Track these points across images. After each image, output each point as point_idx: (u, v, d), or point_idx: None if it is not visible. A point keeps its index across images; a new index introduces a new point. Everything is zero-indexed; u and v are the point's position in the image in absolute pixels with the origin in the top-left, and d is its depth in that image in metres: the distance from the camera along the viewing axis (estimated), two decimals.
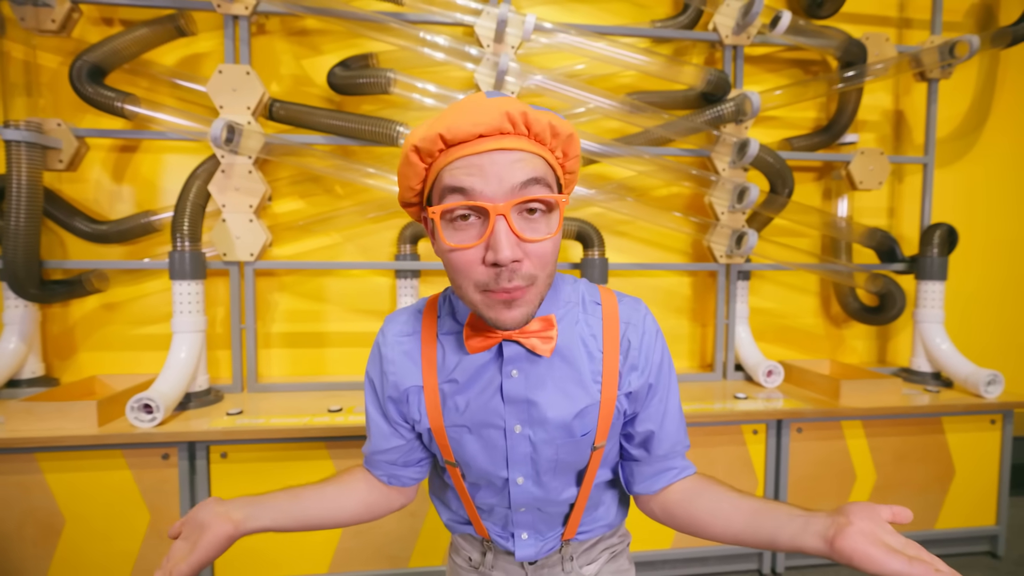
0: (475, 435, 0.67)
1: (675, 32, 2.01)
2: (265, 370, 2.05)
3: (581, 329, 0.67)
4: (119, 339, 1.96)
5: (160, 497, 1.49)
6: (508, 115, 0.53)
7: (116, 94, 1.67)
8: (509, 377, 0.65)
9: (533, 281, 0.57)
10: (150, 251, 1.96)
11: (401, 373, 0.69)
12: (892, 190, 2.38)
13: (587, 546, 0.78)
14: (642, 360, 0.68)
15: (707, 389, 1.97)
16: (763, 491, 1.76)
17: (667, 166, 1.97)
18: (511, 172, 0.54)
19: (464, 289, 0.58)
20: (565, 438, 0.66)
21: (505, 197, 0.54)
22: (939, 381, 2.04)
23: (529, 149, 0.55)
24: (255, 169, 1.78)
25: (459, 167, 0.54)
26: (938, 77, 2.14)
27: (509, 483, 0.68)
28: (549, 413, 0.65)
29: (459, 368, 0.66)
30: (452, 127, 0.53)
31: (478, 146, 0.54)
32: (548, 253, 0.57)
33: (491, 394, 0.65)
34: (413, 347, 0.69)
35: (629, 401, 0.68)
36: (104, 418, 1.48)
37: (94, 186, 1.94)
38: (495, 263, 0.54)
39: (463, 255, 0.55)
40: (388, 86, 1.78)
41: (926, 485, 1.85)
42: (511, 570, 0.77)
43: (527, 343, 0.63)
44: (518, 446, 0.66)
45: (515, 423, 0.66)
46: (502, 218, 0.53)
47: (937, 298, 2.05)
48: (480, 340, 0.64)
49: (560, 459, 0.68)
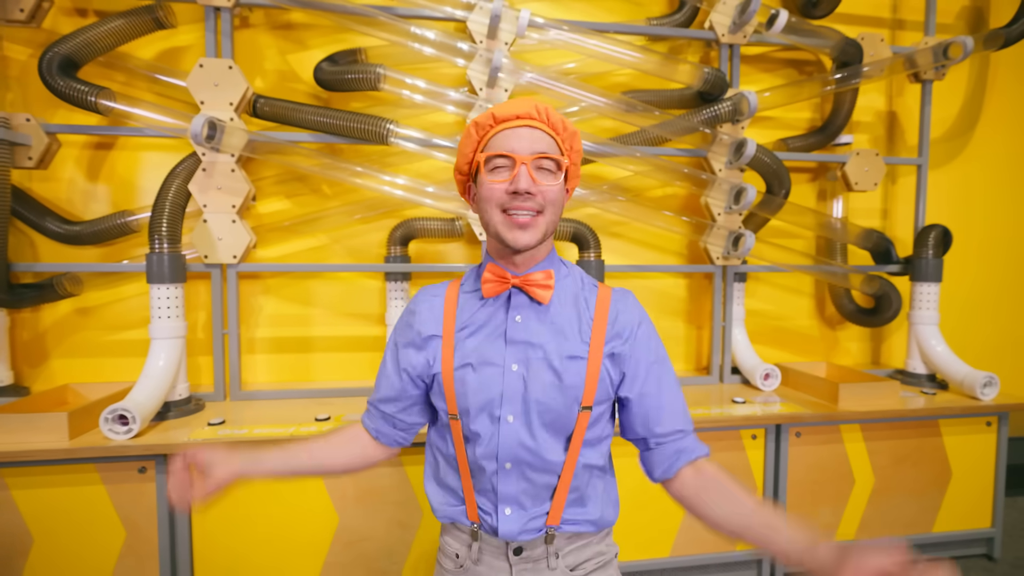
0: (477, 373, 0.79)
1: (671, 30, 1.98)
2: (250, 377, 1.97)
3: (577, 297, 0.83)
4: (94, 345, 1.87)
5: (136, 513, 1.42)
6: (536, 107, 0.79)
7: (89, 88, 1.59)
8: (513, 322, 0.80)
9: (542, 210, 0.77)
10: (127, 253, 1.87)
11: (425, 323, 0.84)
12: (886, 191, 2.38)
13: (575, 545, 0.82)
14: (627, 331, 0.81)
15: (704, 393, 1.94)
16: (762, 495, 1.73)
17: (663, 166, 1.94)
18: (533, 141, 0.78)
19: (490, 213, 0.78)
20: (554, 381, 0.78)
21: (528, 155, 0.76)
22: (935, 383, 2.03)
23: (547, 131, 0.79)
24: (238, 168, 1.71)
25: (502, 136, 0.78)
26: (932, 78, 2.14)
27: (501, 422, 0.77)
28: (543, 355, 0.78)
29: (473, 317, 0.82)
30: (501, 109, 0.79)
31: (515, 123, 0.78)
32: (554, 194, 0.78)
33: (496, 336, 0.80)
34: (438, 304, 0.85)
35: (613, 364, 0.80)
36: (76, 430, 1.40)
37: (67, 185, 1.85)
38: (515, 191, 0.75)
39: (495, 187, 0.77)
40: (377, 82, 1.71)
41: (923, 488, 1.84)
42: (497, 565, 0.81)
43: (529, 290, 0.79)
44: (513, 383, 0.78)
45: (512, 362, 0.78)
46: (524, 166, 0.75)
47: (932, 300, 2.05)
48: (495, 284, 0.80)
49: (548, 403, 0.77)
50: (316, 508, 1.50)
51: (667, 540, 1.69)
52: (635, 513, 1.66)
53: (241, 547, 1.47)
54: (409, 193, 1.79)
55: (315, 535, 1.50)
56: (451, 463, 0.83)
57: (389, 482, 1.52)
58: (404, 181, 1.79)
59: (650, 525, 1.68)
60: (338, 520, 1.51)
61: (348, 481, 1.50)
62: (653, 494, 1.67)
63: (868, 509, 1.80)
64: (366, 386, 1.88)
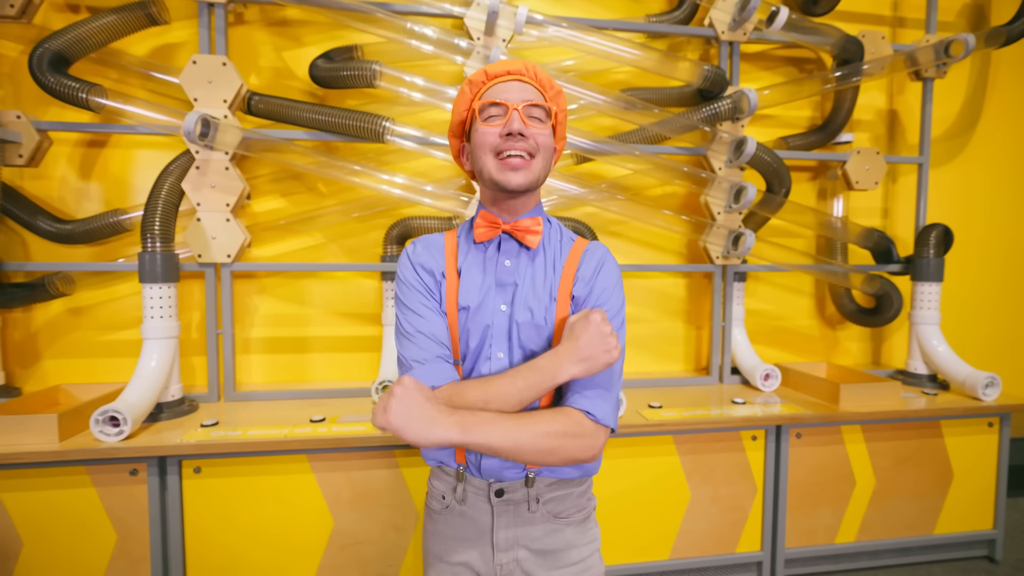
0: (472, 315, 0.84)
1: (671, 27, 1.96)
2: (244, 377, 1.95)
3: (555, 250, 0.90)
4: (86, 346, 1.85)
5: (128, 516, 1.39)
6: (525, 65, 0.86)
7: (80, 84, 1.56)
8: (502, 266, 0.86)
9: (534, 153, 0.83)
10: (121, 252, 1.85)
11: (434, 264, 0.89)
12: (886, 190, 2.36)
13: (556, 493, 0.87)
14: (587, 276, 0.88)
15: (704, 394, 1.92)
16: (762, 498, 1.72)
17: (662, 164, 1.92)
18: (524, 92, 0.84)
19: (484, 159, 0.83)
20: (530, 320, 0.84)
21: (519, 102, 0.82)
22: (936, 383, 2.01)
23: (535, 86, 0.86)
24: (232, 166, 1.69)
25: (494, 89, 0.84)
26: (933, 76, 2.12)
27: (492, 359, 0.83)
28: (525, 295, 0.85)
29: (467, 260, 0.88)
30: (492, 68, 0.85)
31: (506, 79, 0.85)
32: (544, 139, 0.84)
33: (487, 278, 0.86)
34: (438, 252, 0.90)
35: (573, 305, 0.87)
36: (66, 432, 1.38)
37: (59, 183, 1.83)
38: (508, 133, 0.81)
39: (488, 132, 0.82)
40: (373, 79, 1.69)
41: (924, 489, 1.82)
42: (479, 505, 0.86)
43: (518, 235, 0.86)
44: (501, 322, 0.84)
45: (501, 303, 0.85)
46: (516, 111, 0.81)
47: (934, 299, 2.03)
48: (486, 230, 0.86)
49: (524, 340, 0.84)
50: (310, 510, 1.48)
51: (666, 543, 1.68)
52: (634, 515, 1.65)
53: (234, 550, 1.45)
54: (406, 192, 1.77)
55: (309, 537, 1.48)
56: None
57: (384, 484, 1.50)
58: (401, 180, 1.77)
59: (649, 528, 1.66)
60: (333, 522, 1.49)
61: (343, 482, 1.48)
62: (652, 497, 1.66)
63: (869, 511, 1.79)
64: (363, 387, 1.86)
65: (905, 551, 1.85)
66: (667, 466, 1.65)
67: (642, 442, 1.63)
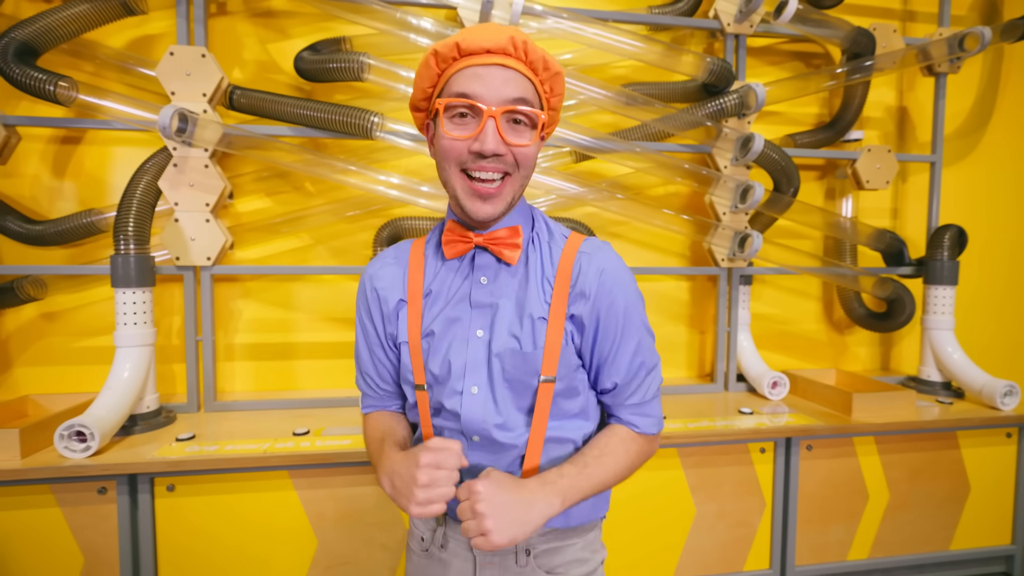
0: (441, 339, 0.72)
1: (674, 19, 1.88)
2: (227, 385, 1.86)
3: (543, 255, 0.75)
4: (60, 352, 1.76)
5: (96, 537, 1.30)
6: (512, 39, 0.64)
7: (47, 76, 1.47)
8: (478, 284, 0.73)
9: (511, 172, 0.67)
10: (97, 254, 1.75)
11: (390, 289, 0.76)
12: (896, 190, 2.28)
13: (550, 544, 0.75)
14: (590, 290, 0.71)
15: (709, 402, 1.83)
16: (771, 513, 1.63)
17: (665, 163, 1.83)
18: (506, 86, 0.65)
19: (448, 173, 0.68)
20: (514, 347, 0.70)
21: (498, 104, 0.64)
22: (950, 391, 1.93)
23: (524, 72, 0.66)
24: (212, 163, 1.60)
25: (466, 75, 0.65)
26: (946, 71, 2.04)
27: (463, 395, 0.71)
28: (506, 319, 0.71)
29: (437, 279, 0.75)
30: (467, 39, 0.65)
31: (484, 59, 0.65)
32: (526, 156, 0.67)
33: (461, 299, 0.73)
34: (400, 269, 0.77)
35: (575, 327, 0.72)
36: (29, 448, 1.28)
37: (31, 181, 1.73)
38: (480, 152, 0.64)
39: (455, 144, 0.66)
40: (361, 72, 1.61)
41: (940, 503, 1.74)
42: (461, 553, 0.75)
43: (495, 249, 0.72)
44: (476, 351, 0.71)
45: (478, 327, 0.72)
46: (492, 120, 0.64)
47: (948, 304, 1.95)
48: (457, 245, 0.72)
49: (508, 372, 0.70)
50: (293, 529, 1.39)
51: (671, 561, 1.59)
52: (636, 532, 1.56)
53: (211, 572, 1.36)
54: (398, 191, 1.68)
55: (292, 559, 1.39)
56: (419, 439, 0.79)
57: (371, 502, 1.41)
58: (393, 179, 1.68)
59: (652, 545, 1.57)
60: (317, 542, 1.40)
61: (327, 501, 1.40)
62: (655, 512, 1.57)
63: (883, 526, 1.70)
64: (350, 396, 1.77)
65: (920, 568, 1.77)
66: (671, 480, 1.57)
67: None
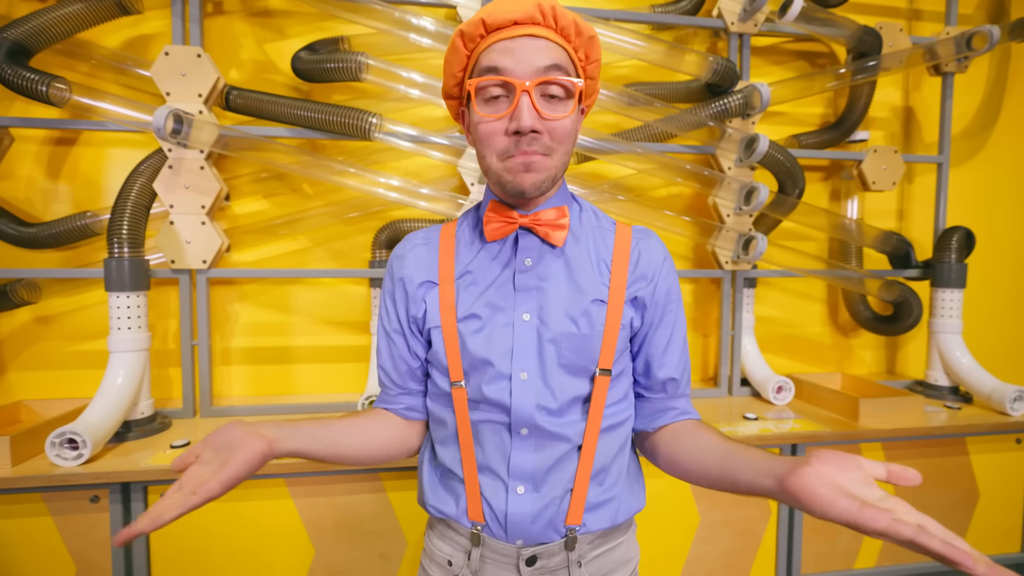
0: (484, 324, 0.67)
1: (677, 18, 1.85)
2: (224, 389, 1.83)
3: (595, 237, 0.72)
4: (54, 357, 1.73)
5: (88, 546, 1.28)
6: (539, 6, 0.61)
7: (40, 76, 1.45)
8: (522, 266, 0.68)
9: (551, 152, 0.63)
10: (92, 256, 1.73)
11: (415, 268, 0.71)
12: (902, 191, 2.25)
13: (600, 550, 0.70)
14: (651, 272, 0.71)
15: (713, 407, 1.80)
16: (776, 521, 1.60)
17: (668, 164, 1.80)
18: (537, 56, 0.61)
19: (488, 160, 0.65)
20: (571, 330, 0.67)
21: (531, 76, 0.61)
22: (958, 396, 1.90)
23: (555, 40, 0.63)
24: (208, 165, 1.57)
25: (494, 50, 0.62)
26: (953, 71, 2.01)
27: (513, 380, 0.66)
28: (559, 302, 0.67)
29: (475, 261, 0.70)
30: (492, 13, 0.62)
31: (512, 31, 0.61)
32: (566, 129, 0.63)
33: (503, 283, 0.68)
34: (429, 250, 0.72)
35: (635, 310, 0.70)
36: (20, 455, 1.26)
37: (26, 183, 1.71)
38: (517, 131, 0.61)
39: (490, 125, 0.62)
40: (359, 72, 1.58)
41: (948, 511, 1.71)
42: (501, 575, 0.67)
43: (540, 231, 0.68)
44: (524, 335, 0.67)
45: (524, 311, 0.67)
46: (526, 94, 0.60)
47: (955, 307, 1.92)
48: (499, 226, 0.68)
49: (564, 357, 0.66)
50: (289, 538, 1.36)
51: (674, 570, 1.56)
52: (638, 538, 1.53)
53: None
54: (398, 193, 1.65)
55: (288, 569, 1.37)
56: (450, 438, 0.70)
57: (370, 510, 1.39)
58: (393, 181, 1.65)
59: (656, 554, 1.54)
60: (314, 551, 1.38)
61: (325, 509, 1.37)
62: (658, 520, 1.53)
63: None
64: (349, 400, 1.74)
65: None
66: (675, 487, 1.54)
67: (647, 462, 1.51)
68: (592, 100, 0.72)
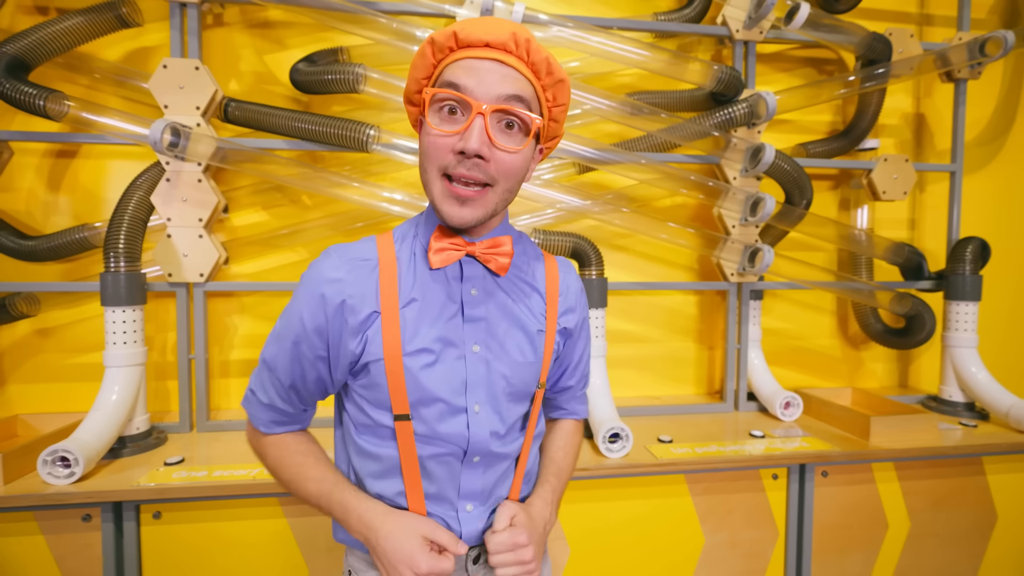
0: (437, 359, 0.66)
1: (680, 26, 1.82)
2: (223, 402, 1.82)
3: (527, 266, 0.76)
4: (53, 369, 1.73)
5: (80, 566, 1.26)
6: (514, 35, 0.60)
7: (37, 90, 1.45)
8: (469, 295, 0.69)
9: (492, 183, 0.62)
10: (92, 269, 1.73)
11: (361, 298, 0.65)
12: (913, 200, 2.20)
13: None
14: (574, 303, 0.78)
15: (718, 423, 1.76)
16: (784, 543, 1.55)
17: (671, 174, 1.77)
18: (502, 82, 0.60)
19: (429, 174, 0.64)
20: (519, 359, 0.71)
21: (490, 101, 0.60)
22: (974, 412, 1.84)
23: (523, 72, 0.62)
24: (206, 177, 1.56)
25: (460, 66, 0.61)
26: (966, 77, 1.96)
27: (468, 413, 0.68)
28: (504, 333, 0.70)
29: (418, 286, 0.67)
30: (466, 30, 0.61)
31: (482, 52, 0.60)
32: (512, 164, 0.63)
33: (452, 313, 0.68)
34: (369, 273, 0.67)
35: (562, 337, 0.77)
36: (12, 473, 1.25)
37: (27, 196, 1.71)
38: (463, 151, 0.60)
39: (439, 140, 0.61)
40: (357, 83, 1.57)
41: (965, 533, 1.64)
42: None
43: (483, 257, 0.68)
44: (476, 367, 0.68)
45: (473, 343, 0.68)
46: (481, 117, 0.59)
47: (970, 320, 1.86)
48: (446, 254, 0.66)
49: (511, 385, 0.70)
50: (283, 559, 1.34)
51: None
52: (641, 563, 1.49)
53: None
54: (399, 207, 1.63)
55: None
56: (391, 471, 0.69)
57: None
58: (397, 196, 1.64)
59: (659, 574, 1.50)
60: (308, 571, 1.35)
61: (319, 528, 1.34)
62: (661, 542, 1.45)
63: (903, 557, 1.61)
64: None
65: None
66: (678, 508, 1.50)
67: (651, 482, 1.47)
68: (553, 144, 0.72)
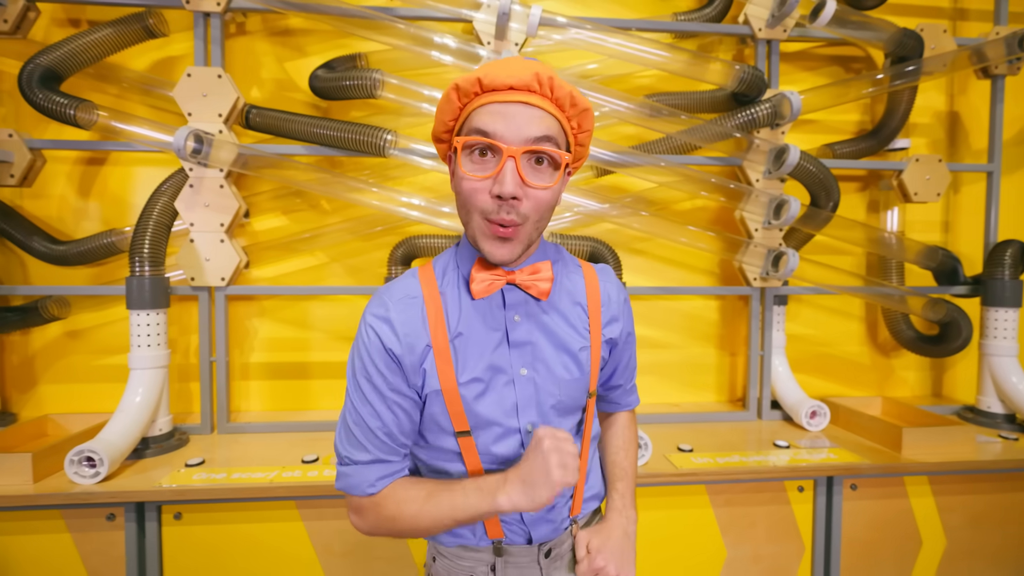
0: (488, 386, 0.70)
1: (701, 26, 1.78)
2: (243, 404, 1.84)
3: (567, 280, 0.78)
4: (81, 370, 1.78)
5: (104, 564, 1.28)
6: (537, 75, 0.62)
7: (68, 100, 1.49)
8: (513, 322, 0.72)
9: (525, 220, 0.65)
10: (120, 272, 1.78)
11: (416, 335, 0.69)
12: (947, 202, 2.11)
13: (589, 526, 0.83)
14: (617, 312, 0.80)
15: (741, 433, 1.71)
16: (811, 558, 1.50)
17: (692, 176, 1.73)
18: (529, 125, 0.62)
19: (470, 215, 0.66)
20: (565, 377, 0.73)
21: (520, 144, 0.62)
22: (1014, 425, 1.75)
23: (549, 110, 0.64)
24: (228, 183, 1.59)
25: (487, 112, 0.63)
26: (1004, 73, 1.88)
27: (521, 433, 0.71)
28: (549, 354, 0.72)
29: (464, 319, 0.70)
30: (490, 75, 0.63)
31: (507, 96, 0.63)
32: (544, 200, 0.66)
33: (498, 341, 0.71)
34: (416, 311, 0.70)
35: (608, 348, 0.79)
36: (41, 472, 1.28)
37: (58, 202, 1.77)
38: (499, 195, 0.62)
39: (474, 184, 0.64)
40: (375, 89, 1.57)
41: (1005, 552, 1.56)
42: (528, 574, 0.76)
43: (524, 284, 0.70)
44: (525, 390, 0.71)
45: (520, 366, 0.71)
46: (512, 160, 0.61)
47: (1010, 328, 1.77)
48: (487, 284, 0.69)
49: (561, 401, 0.73)
50: (300, 562, 1.34)
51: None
52: (661, 573, 1.45)
53: None
54: (418, 212, 1.63)
55: None
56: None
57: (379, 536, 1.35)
58: (415, 200, 1.64)
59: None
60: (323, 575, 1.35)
61: (335, 534, 1.35)
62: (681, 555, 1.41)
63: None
64: None
65: None
66: (699, 519, 1.46)
67: (671, 492, 1.44)
68: (580, 163, 0.75)
